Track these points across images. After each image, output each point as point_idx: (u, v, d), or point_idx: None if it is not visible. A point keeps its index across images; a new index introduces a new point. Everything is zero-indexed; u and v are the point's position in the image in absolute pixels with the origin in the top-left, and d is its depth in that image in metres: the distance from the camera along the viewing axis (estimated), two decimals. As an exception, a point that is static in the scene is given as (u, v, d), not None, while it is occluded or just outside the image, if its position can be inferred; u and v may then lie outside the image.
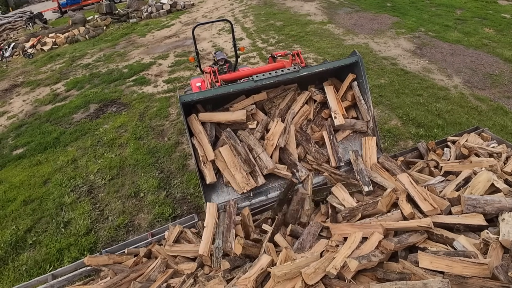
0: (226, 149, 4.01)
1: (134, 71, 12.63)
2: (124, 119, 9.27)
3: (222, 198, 3.95)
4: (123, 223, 5.99)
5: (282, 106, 4.50)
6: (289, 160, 4.08)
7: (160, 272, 3.60)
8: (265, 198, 3.91)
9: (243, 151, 3.87)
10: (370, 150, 4.26)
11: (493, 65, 9.69)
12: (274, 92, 4.61)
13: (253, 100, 4.45)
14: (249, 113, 4.29)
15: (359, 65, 4.36)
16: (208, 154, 3.93)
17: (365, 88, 4.39)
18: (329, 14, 16.19)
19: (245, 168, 3.83)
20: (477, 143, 4.44)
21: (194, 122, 4.12)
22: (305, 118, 4.55)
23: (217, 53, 7.19)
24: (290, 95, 4.57)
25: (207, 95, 3.98)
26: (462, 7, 15.01)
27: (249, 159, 3.81)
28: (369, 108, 4.46)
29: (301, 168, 4.02)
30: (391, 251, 2.77)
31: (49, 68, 15.00)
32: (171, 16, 20.50)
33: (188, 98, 3.92)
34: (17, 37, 21.80)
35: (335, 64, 4.40)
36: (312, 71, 4.26)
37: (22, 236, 6.05)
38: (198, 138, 4.05)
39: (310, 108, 4.59)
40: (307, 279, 2.64)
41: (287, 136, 4.23)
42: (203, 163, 3.90)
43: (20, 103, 11.86)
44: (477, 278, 2.34)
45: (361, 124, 4.49)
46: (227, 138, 4.01)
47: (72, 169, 7.59)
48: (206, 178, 3.88)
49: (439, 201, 3.31)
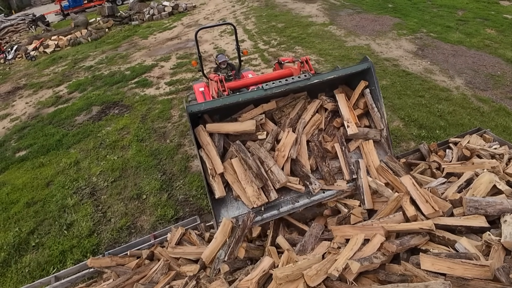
0: (237, 161, 3.85)
1: (136, 73, 12.66)
2: (126, 121, 9.29)
3: (231, 213, 3.74)
4: (126, 225, 6.00)
5: (293, 116, 4.32)
6: (301, 172, 3.90)
7: (162, 274, 3.62)
8: (277, 213, 3.70)
9: (254, 165, 3.68)
10: (371, 154, 4.17)
11: (495, 66, 9.67)
12: (284, 101, 4.44)
13: (262, 110, 4.28)
14: (258, 123, 4.12)
15: (371, 71, 4.21)
16: (217, 167, 3.76)
17: (377, 96, 4.23)
18: (330, 15, 16.19)
19: (257, 183, 3.65)
20: (479, 145, 4.43)
21: (201, 133, 3.95)
22: (316, 128, 4.37)
23: (219, 56, 7.05)
24: (300, 104, 4.40)
25: (216, 105, 3.80)
26: (464, 8, 15.00)
27: (261, 173, 3.63)
28: (383, 116, 4.29)
29: (314, 180, 3.82)
30: (393, 253, 2.78)
31: (52, 70, 15.05)
32: (173, 18, 20.54)
33: (195, 108, 3.74)
34: (20, 39, 21.89)
35: (346, 71, 4.23)
36: (323, 78, 4.11)
37: (25, 238, 6.07)
38: (206, 150, 3.88)
39: (321, 117, 4.42)
40: (309, 281, 2.65)
41: (298, 147, 4.07)
42: (212, 176, 3.74)
43: (22, 106, 11.91)
44: (479, 280, 2.34)
45: (374, 133, 4.33)
46: (237, 152, 3.82)
47: (74, 171, 7.62)
48: (215, 192, 3.69)
49: (441, 203, 3.31)
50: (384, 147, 4.38)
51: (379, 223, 3.18)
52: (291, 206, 3.74)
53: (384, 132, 4.33)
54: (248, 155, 3.73)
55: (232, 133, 4.06)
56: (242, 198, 3.72)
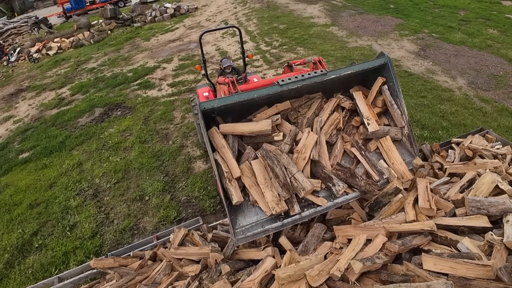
0: (258, 163, 3.61)
1: (139, 75, 12.71)
2: (129, 123, 9.32)
3: (249, 219, 3.46)
4: (128, 226, 6.02)
5: (309, 115, 4.09)
6: (322, 173, 3.66)
7: (165, 275, 3.62)
8: (299, 218, 3.41)
9: (281, 174, 3.41)
10: (391, 151, 3.90)
11: (498, 66, 9.66)
12: (298, 101, 4.25)
13: (276, 110, 4.06)
14: (274, 123, 3.87)
15: (388, 67, 4.07)
16: (233, 171, 3.53)
17: (396, 92, 4.06)
18: (332, 16, 16.21)
19: (283, 193, 3.37)
20: (481, 145, 4.43)
21: (215, 135, 3.72)
22: (334, 127, 4.14)
23: (224, 60, 6.91)
24: (316, 103, 4.20)
25: (230, 101, 3.59)
26: (466, 8, 14.98)
27: (288, 183, 3.38)
28: (403, 113, 4.07)
29: (337, 181, 3.59)
30: (395, 253, 2.78)
31: (55, 72, 15.12)
32: (175, 20, 20.60)
33: (208, 105, 3.52)
34: (23, 41, 21.99)
35: (363, 66, 4.08)
36: (340, 74, 3.93)
37: (28, 240, 6.10)
38: (221, 153, 3.63)
39: (339, 116, 4.20)
40: (311, 281, 2.65)
41: (319, 148, 3.85)
42: (228, 180, 3.50)
43: (26, 108, 11.97)
44: (481, 280, 2.34)
45: (395, 131, 4.10)
46: (263, 158, 3.57)
47: (77, 172, 7.65)
48: (232, 197, 3.41)
49: (443, 203, 3.31)
50: (406, 146, 4.16)
51: (381, 223, 3.18)
52: (313, 210, 3.48)
53: (405, 130, 4.11)
54: (275, 163, 3.49)
55: (247, 134, 3.84)
56: (260, 204, 3.48)
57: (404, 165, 3.75)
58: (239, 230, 3.36)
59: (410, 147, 4.10)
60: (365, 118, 4.04)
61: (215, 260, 3.56)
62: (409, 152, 4.10)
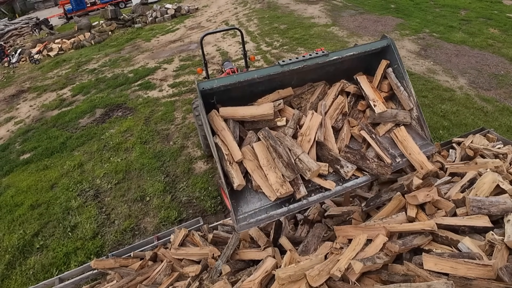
0: (260, 145, 3.42)
1: (140, 76, 12.72)
2: (129, 124, 9.33)
3: (252, 206, 3.26)
4: (129, 227, 6.02)
5: (313, 100, 3.92)
6: (329, 156, 3.46)
7: (165, 275, 3.62)
8: (306, 202, 3.23)
9: (285, 154, 3.22)
10: (407, 141, 3.65)
11: (499, 66, 9.64)
12: (301, 89, 4.09)
13: (278, 95, 3.87)
14: (276, 108, 3.67)
15: (392, 49, 3.89)
16: (234, 154, 3.34)
17: (402, 73, 3.88)
18: (333, 16, 16.20)
19: (287, 173, 3.18)
20: (482, 144, 4.41)
21: (215, 118, 3.54)
22: (340, 112, 3.94)
23: (225, 63, 6.87)
24: (320, 89, 4.03)
25: (229, 81, 3.42)
26: (467, 8, 14.96)
27: (292, 163, 3.19)
28: (410, 94, 3.86)
29: (345, 163, 3.40)
30: (396, 253, 2.77)
31: (56, 73, 15.15)
32: (176, 21, 20.63)
33: (207, 85, 3.34)
34: (24, 43, 22.06)
35: (365, 47, 3.90)
36: (342, 55, 3.77)
37: (29, 240, 6.11)
38: (222, 136, 3.44)
39: (344, 100, 4.02)
40: (311, 281, 2.64)
41: (324, 130, 3.65)
42: (229, 163, 3.31)
43: (27, 109, 11.99)
44: (482, 280, 2.33)
45: (403, 115, 3.89)
46: (265, 138, 3.35)
47: (78, 173, 7.66)
48: (233, 180, 3.22)
49: (444, 203, 3.30)
50: (416, 129, 3.94)
51: (382, 223, 3.17)
52: (321, 195, 3.28)
53: (414, 112, 3.88)
54: (278, 143, 3.30)
55: (248, 119, 3.65)
56: (263, 188, 3.26)
57: (423, 155, 3.54)
58: (241, 216, 3.18)
59: (421, 130, 3.91)
60: (371, 101, 3.86)
61: (213, 255, 3.56)
62: (420, 135, 3.90)
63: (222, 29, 7.28)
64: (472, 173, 3.68)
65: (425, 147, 3.72)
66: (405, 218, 3.21)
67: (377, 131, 3.87)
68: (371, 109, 3.84)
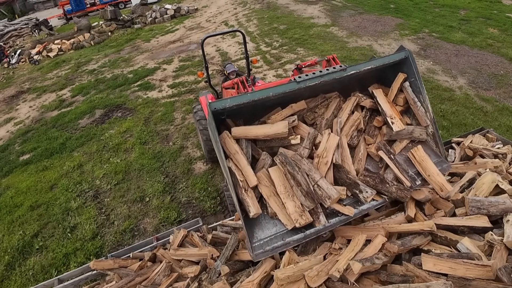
0: (276, 171, 3.25)
1: (139, 76, 12.73)
2: (129, 124, 9.33)
3: (267, 232, 3.12)
4: (129, 228, 6.02)
5: (328, 116, 3.74)
6: (347, 179, 3.33)
7: (165, 276, 3.62)
8: (322, 228, 3.08)
9: (303, 181, 3.07)
10: (425, 162, 3.50)
11: (498, 65, 9.64)
12: (314, 101, 3.90)
13: (292, 111, 3.69)
14: (290, 125, 3.49)
15: (409, 61, 3.72)
16: (249, 179, 3.17)
17: (419, 87, 3.73)
18: (332, 16, 16.20)
19: (307, 203, 3.04)
20: (482, 144, 4.42)
21: (227, 140, 3.35)
22: (355, 129, 3.79)
23: (228, 66, 6.71)
24: (334, 103, 3.87)
25: (243, 100, 3.21)
26: (466, 8, 14.96)
27: (311, 191, 3.04)
28: (427, 110, 3.72)
29: (364, 187, 3.27)
30: (395, 253, 2.77)
31: (55, 74, 15.15)
32: (175, 21, 20.63)
33: (219, 105, 3.13)
34: (24, 44, 22.06)
35: (384, 60, 3.73)
36: (359, 69, 3.60)
37: (29, 241, 6.10)
38: (235, 159, 3.28)
39: (359, 116, 3.87)
40: (310, 282, 2.64)
41: (341, 151, 3.52)
42: (244, 190, 3.16)
43: (26, 109, 11.99)
44: (481, 280, 2.33)
45: (419, 131, 3.74)
46: (283, 164, 3.20)
47: (78, 174, 7.66)
48: (249, 209, 3.05)
49: (443, 203, 3.30)
50: (431, 146, 3.80)
51: (381, 223, 3.17)
52: (337, 219, 3.15)
53: (430, 128, 3.74)
54: (296, 169, 3.15)
55: (261, 138, 3.48)
56: (280, 216, 3.10)
57: (442, 176, 3.39)
58: (256, 244, 3.03)
59: (435, 147, 3.77)
60: (388, 117, 3.72)
61: (211, 255, 3.56)
62: (435, 152, 3.77)
63: (223, 32, 7.10)
64: (471, 173, 3.68)
65: (440, 164, 3.57)
66: (404, 218, 3.21)
67: (394, 149, 3.74)
68: (388, 126, 3.73)
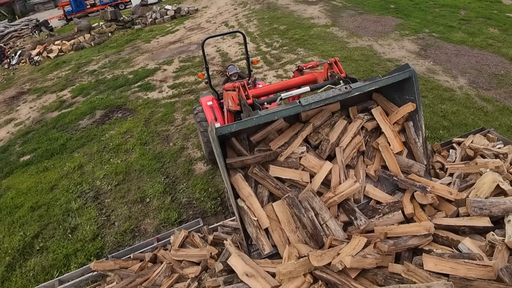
0: (280, 206, 3.28)
1: (139, 77, 12.73)
2: (129, 125, 9.33)
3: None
4: (129, 229, 6.01)
5: (333, 140, 3.80)
6: (346, 205, 3.46)
7: (165, 277, 3.61)
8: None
9: (309, 223, 3.11)
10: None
11: (499, 65, 9.63)
12: (319, 119, 3.96)
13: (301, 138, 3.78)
14: (297, 156, 3.64)
15: (412, 81, 3.72)
16: (262, 222, 3.25)
17: (417, 107, 3.79)
18: (332, 17, 16.20)
19: (311, 244, 3.07)
20: (482, 144, 4.40)
21: (240, 182, 3.43)
22: (356, 150, 3.88)
23: (230, 67, 6.66)
24: (341, 126, 3.92)
25: (249, 125, 3.28)
26: (466, 8, 14.95)
27: (317, 233, 3.08)
28: (425, 149, 3.85)
29: (360, 215, 3.36)
30: (386, 253, 2.77)
31: (55, 75, 15.16)
32: (175, 22, 20.64)
33: (225, 130, 3.20)
34: (24, 44, 22.06)
35: (388, 81, 3.75)
36: (364, 90, 3.65)
37: (29, 242, 6.10)
38: (248, 202, 3.35)
39: (361, 139, 3.94)
40: (313, 260, 2.64)
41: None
42: (258, 229, 3.25)
43: (27, 110, 11.99)
44: (482, 281, 2.32)
45: (418, 167, 3.82)
46: (290, 206, 3.22)
47: (78, 175, 7.65)
48: (263, 248, 3.16)
49: (447, 206, 3.30)
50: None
51: (379, 222, 3.19)
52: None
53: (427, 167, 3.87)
54: (303, 212, 3.17)
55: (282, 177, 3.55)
56: (280, 249, 3.18)
57: (444, 185, 3.51)
58: (255, 254, 3.24)
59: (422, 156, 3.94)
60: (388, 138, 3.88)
61: (211, 254, 3.56)
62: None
63: (224, 33, 7.03)
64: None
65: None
66: (401, 217, 3.23)
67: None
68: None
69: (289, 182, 3.57)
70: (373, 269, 2.72)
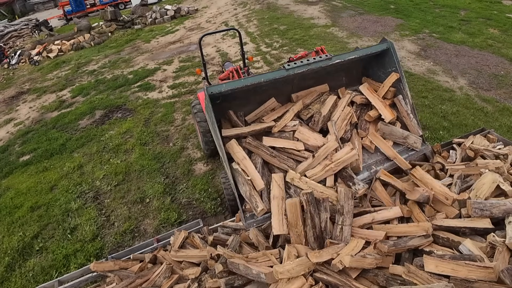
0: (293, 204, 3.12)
1: (139, 77, 12.71)
2: (129, 125, 9.32)
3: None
4: (129, 229, 6.00)
5: (325, 113, 3.95)
6: (344, 172, 3.54)
7: (165, 278, 3.61)
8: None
9: (318, 225, 3.11)
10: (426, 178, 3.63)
11: (499, 66, 9.62)
12: (310, 97, 4.19)
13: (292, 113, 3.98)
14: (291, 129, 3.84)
15: (391, 52, 3.99)
16: (256, 184, 3.34)
17: (400, 76, 4.03)
18: (332, 17, 16.20)
19: (314, 245, 3.06)
20: (483, 145, 4.40)
21: (234, 146, 3.62)
22: (348, 122, 4.02)
23: (226, 64, 6.87)
24: (331, 101, 4.08)
25: (237, 85, 3.56)
26: (466, 8, 14.95)
27: (323, 236, 3.09)
28: (406, 96, 4.03)
29: (358, 181, 3.45)
30: (385, 253, 2.77)
31: (55, 75, 15.14)
32: (175, 22, 20.63)
33: (216, 89, 3.48)
34: (24, 44, 22.04)
35: (366, 51, 4.04)
36: (344, 58, 3.90)
37: (29, 243, 6.09)
38: (242, 165, 3.48)
39: (351, 110, 4.11)
40: (312, 257, 2.65)
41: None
42: (253, 188, 3.33)
43: (26, 110, 11.98)
44: (483, 282, 2.32)
45: (414, 139, 3.92)
46: (307, 203, 3.10)
47: (78, 175, 7.64)
48: (256, 206, 3.23)
49: (448, 209, 3.30)
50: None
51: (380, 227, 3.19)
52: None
53: (420, 132, 4.04)
54: (317, 213, 3.13)
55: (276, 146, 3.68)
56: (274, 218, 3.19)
57: (444, 187, 3.51)
58: (248, 215, 3.36)
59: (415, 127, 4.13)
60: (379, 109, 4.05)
61: (211, 254, 3.56)
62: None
63: (220, 30, 7.35)
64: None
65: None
66: (399, 211, 3.23)
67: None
68: (382, 122, 4.01)
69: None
70: (374, 270, 2.72)
